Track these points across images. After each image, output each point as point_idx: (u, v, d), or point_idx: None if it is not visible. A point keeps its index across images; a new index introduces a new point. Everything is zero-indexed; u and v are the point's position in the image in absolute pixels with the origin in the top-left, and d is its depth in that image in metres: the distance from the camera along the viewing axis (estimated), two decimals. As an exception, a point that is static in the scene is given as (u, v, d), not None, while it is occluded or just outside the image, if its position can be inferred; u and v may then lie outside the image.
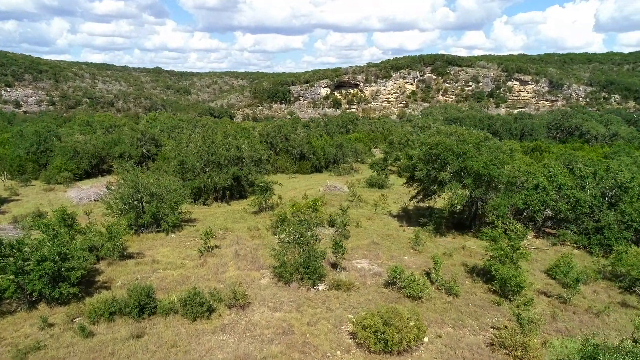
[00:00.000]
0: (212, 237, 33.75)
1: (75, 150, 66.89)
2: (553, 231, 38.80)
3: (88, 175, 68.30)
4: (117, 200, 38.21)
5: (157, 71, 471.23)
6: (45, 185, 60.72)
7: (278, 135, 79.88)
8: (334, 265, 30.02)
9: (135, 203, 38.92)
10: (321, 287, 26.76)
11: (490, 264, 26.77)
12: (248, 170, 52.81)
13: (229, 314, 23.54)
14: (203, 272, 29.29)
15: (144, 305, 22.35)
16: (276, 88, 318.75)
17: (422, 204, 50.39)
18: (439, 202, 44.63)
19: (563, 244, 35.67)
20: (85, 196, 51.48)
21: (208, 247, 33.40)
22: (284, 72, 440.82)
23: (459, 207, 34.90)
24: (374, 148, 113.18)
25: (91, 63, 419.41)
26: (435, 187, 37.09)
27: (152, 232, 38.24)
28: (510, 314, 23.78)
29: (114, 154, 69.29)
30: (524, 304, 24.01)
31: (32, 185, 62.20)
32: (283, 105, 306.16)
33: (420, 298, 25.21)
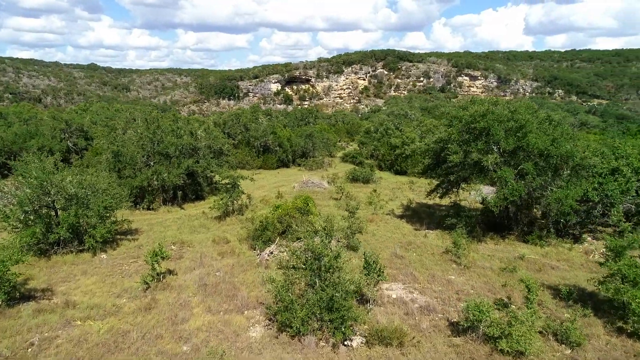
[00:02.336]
0: (163, 258, 22.22)
1: (-25, 145, 52.00)
2: (608, 229, 30.36)
3: (-6, 176, 53.49)
4: (15, 208, 25.59)
5: (93, 67, 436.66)
6: None
7: (236, 125, 68.07)
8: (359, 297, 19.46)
9: (44, 210, 26.46)
10: (355, 341, 16.11)
11: (613, 288, 17.18)
12: (206, 163, 41.06)
13: (206, 419, 12.40)
14: (151, 322, 17.76)
15: None
16: (224, 83, 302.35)
17: (429, 201, 40.97)
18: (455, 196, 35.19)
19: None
20: (-20, 203, 37.63)
21: (158, 274, 21.86)
22: (230, 70, 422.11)
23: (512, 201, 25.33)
24: (339, 141, 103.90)
25: (16, 58, 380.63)
26: (471, 176, 27.42)
27: (72, 251, 26.02)
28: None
29: (29, 148, 54.69)
30: (700, 358, 14.67)
31: None
32: (232, 102, 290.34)
33: (522, 354, 15.20)
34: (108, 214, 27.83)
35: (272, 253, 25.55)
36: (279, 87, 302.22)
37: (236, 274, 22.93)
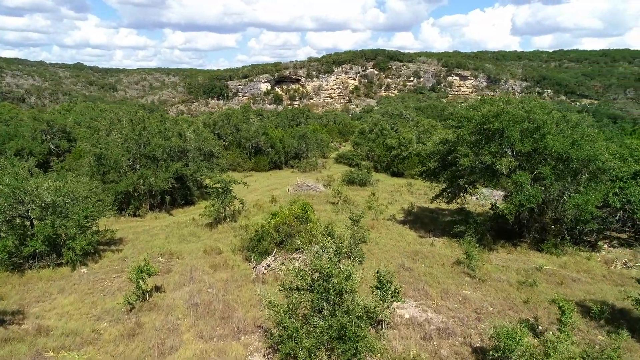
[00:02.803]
0: (148, 275, 20.02)
1: (-52, 147, 49.08)
2: (622, 235, 28.83)
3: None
4: (-15, 218, 23.17)
5: (79, 67, 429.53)
6: None
7: (227, 126, 65.71)
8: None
9: (17, 221, 24.11)
10: (370, 373, 14.11)
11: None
12: (196, 166, 38.82)
13: None
14: (135, 352, 15.59)
15: None
16: (212, 83, 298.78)
17: (431, 205, 39.25)
18: (461, 201, 33.37)
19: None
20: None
21: (143, 292, 19.66)
22: (219, 69, 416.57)
23: (531, 209, 23.48)
24: (331, 142, 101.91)
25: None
26: (480, 180, 25.56)
27: (49, 265, 23.67)
28: None
29: (7, 151, 51.88)
30: None
31: None
32: (221, 102, 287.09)
33: (561, 387, 13.31)
34: (89, 224, 25.50)
35: (269, 266, 23.50)
36: (269, 87, 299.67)
37: (230, 291, 20.82)
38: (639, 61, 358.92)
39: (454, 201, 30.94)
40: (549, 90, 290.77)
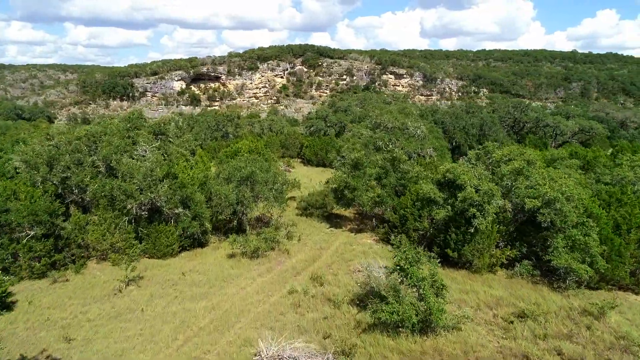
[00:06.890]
0: None
1: None
2: None
3: None
4: None
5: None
6: None
7: (86, 164, 31.82)
8: None
9: None
10: None
11: None
12: None
13: None
14: None
15: None
16: (114, 81, 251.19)
17: None
18: None
19: None
20: None
21: None
22: (121, 66, 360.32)
23: None
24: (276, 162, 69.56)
25: None
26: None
27: None
28: None
29: None
30: None
31: None
32: (125, 103, 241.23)
33: None
34: None
35: None
36: (184, 86, 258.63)
37: None
38: (559, 61, 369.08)
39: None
40: (485, 90, 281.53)
